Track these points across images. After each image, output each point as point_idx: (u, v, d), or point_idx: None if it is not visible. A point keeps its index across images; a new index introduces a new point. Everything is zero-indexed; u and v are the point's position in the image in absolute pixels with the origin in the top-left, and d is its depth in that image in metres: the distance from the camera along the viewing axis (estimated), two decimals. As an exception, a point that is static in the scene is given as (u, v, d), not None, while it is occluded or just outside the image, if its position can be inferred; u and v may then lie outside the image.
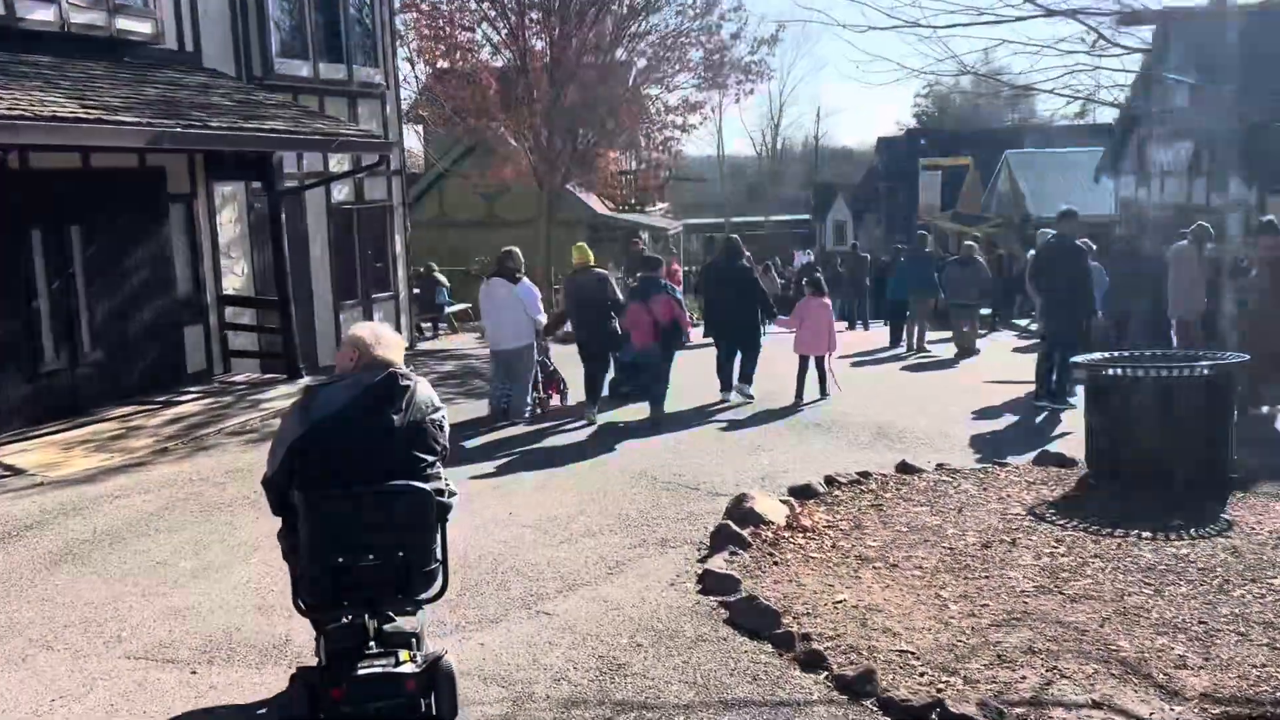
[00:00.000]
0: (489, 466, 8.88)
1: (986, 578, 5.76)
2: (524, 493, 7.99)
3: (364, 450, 3.71)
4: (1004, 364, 15.28)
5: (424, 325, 21.21)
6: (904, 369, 15.15)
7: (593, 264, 11.25)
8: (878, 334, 19.00)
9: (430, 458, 3.84)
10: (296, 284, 13.06)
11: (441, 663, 3.67)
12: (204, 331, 12.78)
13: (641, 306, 10.66)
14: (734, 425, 10.59)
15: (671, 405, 11.00)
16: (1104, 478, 7.72)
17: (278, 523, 3.98)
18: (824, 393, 11.79)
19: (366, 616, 3.74)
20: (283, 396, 11.62)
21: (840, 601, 5.37)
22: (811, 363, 11.82)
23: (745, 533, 6.46)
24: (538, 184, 21.44)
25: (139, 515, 7.49)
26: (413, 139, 26.02)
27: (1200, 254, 11.90)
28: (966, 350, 15.99)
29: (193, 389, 11.95)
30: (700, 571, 5.91)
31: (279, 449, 3.80)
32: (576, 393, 11.54)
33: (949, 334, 17.22)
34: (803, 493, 7.57)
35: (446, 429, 3.94)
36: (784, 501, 7.25)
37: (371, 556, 3.71)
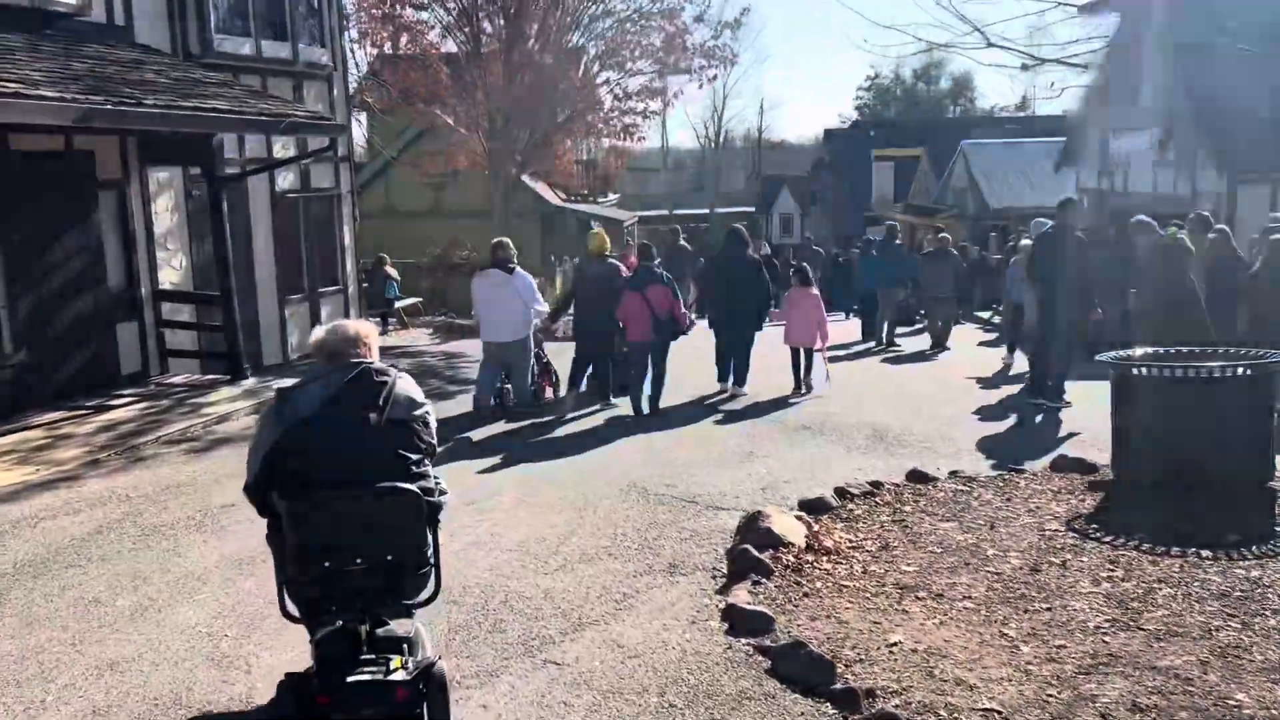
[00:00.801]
0: (464, 475, 8.04)
1: (1049, 610, 5.08)
2: (505, 508, 7.20)
3: (345, 451, 3.56)
4: (974, 358, 14.82)
5: (373, 321, 20.27)
6: (881, 364, 14.62)
7: (608, 253, 10.75)
8: (840, 328, 18.39)
9: (416, 455, 3.67)
10: (239, 277, 12.08)
11: (434, 670, 3.47)
12: (139, 329, 11.76)
13: (638, 297, 10.01)
14: (722, 425, 9.94)
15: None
16: (1134, 485, 7.09)
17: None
18: (808, 388, 11.32)
19: (358, 622, 3.54)
20: (226, 399, 10.71)
21: (895, 644, 4.65)
22: (801, 353, 11.47)
23: (765, 557, 5.75)
24: (491, 172, 20.58)
25: (68, 541, 6.57)
26: (356, 127, 24.95)
27: (1202, 244, 11.39)
28: (940, 344, 15.54)
29: (127, 392, 10.99)
30: (724, 606, 5.17)
31: (255, 456, 3.65)
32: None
33: (918, 327, 16.72)
34: (816, 507, 6.89)
35: (432, 425, 3.78)
36: (799, 518, 6.55)
37: (359, 561, 3.56)
